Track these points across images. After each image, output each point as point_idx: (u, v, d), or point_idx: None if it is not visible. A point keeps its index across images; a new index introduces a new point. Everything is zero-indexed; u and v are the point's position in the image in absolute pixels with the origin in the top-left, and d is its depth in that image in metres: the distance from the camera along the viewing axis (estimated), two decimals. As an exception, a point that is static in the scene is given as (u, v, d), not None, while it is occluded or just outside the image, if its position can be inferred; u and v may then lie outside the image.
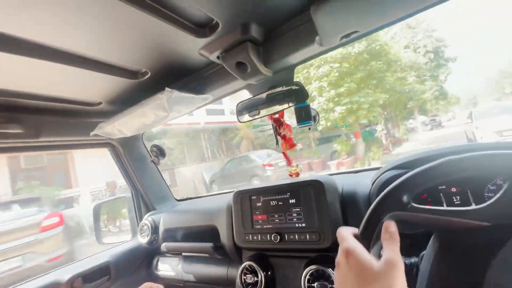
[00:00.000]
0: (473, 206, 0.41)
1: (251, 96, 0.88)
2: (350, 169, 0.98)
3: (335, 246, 0.67)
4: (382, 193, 0.42)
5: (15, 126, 0.86)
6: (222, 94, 0.95)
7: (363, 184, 0.74)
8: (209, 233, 0.99)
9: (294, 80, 0.80)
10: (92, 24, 0.53)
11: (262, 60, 0.71)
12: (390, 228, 0.37)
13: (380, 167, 0.71)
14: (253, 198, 0.84)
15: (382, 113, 11.73)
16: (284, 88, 0.80)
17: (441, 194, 0.60)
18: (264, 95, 0.84)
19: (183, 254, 1.11)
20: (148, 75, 0.78)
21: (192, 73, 0.85)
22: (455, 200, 0.59)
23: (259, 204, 0.83)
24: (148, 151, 1.35)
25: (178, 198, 1.47)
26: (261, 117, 0.86)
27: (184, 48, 0.68)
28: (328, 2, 0.50)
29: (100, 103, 0.94)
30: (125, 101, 0.93)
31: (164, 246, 1.12)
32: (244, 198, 0.87)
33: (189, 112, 1.00)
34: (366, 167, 0.96)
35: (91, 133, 0.99)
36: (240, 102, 0.87)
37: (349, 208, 0.72)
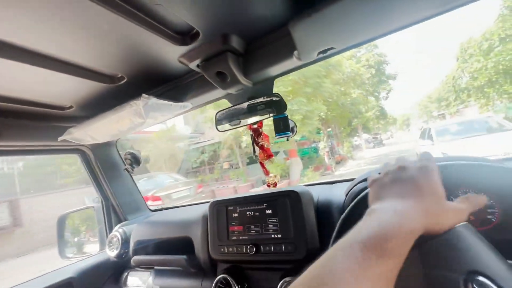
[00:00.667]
0: None
1: (231, 105, 0.88)
2: (326, 180, 1.01)
3: (310, 257, 0.68)
4: (353, 202, 0.44)
5: None
6: (201, 102, 0.94)
7: (337, 195, 0.76)
8: (183, 245, 0.95)
9: (274, 92, 0.82)
10: (66, 26, 0.50)
11: (242, 71, 0.72)
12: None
13: (354, 178, 0.74)
14: (230, 209, 0.83)
15: (324, 129, 11.09)
16: (264, 99, 0.82)
17: None
18: (244, 105, 0.84)
19: (155, 267, 1.06)
20: (124, 81, 0.76)
21: (170, 80, 0.84)
22: None
23: (236, 214, 0.81)
24: (122, 159, 1.29)
25: (153, 209, 1.42)
26: (241, 126, 0.86)
27: (163, 55, 0.67)
28: (305, 19, 0.52)
29: (71, 107, 0.89)
30: (98, 106, 0.89)
31: (134, 259, 1.06)
32: (220, 209, 0.85)
33: (166, 120, 0.98)
34: (342, 178, 0.99)
35: (59, 139, 0.93)
36: (219, 111, 0.87)
37: (324, 218, 0.73)
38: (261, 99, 0.81)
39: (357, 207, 0.52)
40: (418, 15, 0.56)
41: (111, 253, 1.13)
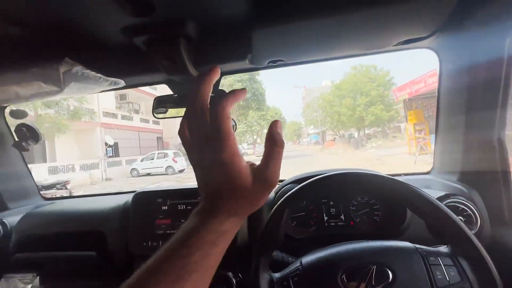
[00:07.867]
0: None
1: (171, 93, 0.83)
2: None
3: (241, 250, 0.72)
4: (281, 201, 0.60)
5: None
6: (138, 82, 0.85)
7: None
8: (89, 241, 0.83)
9: (219, 88, 0.82)
10: None
11: (192, 60, 0.69)
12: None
13: (283, 180, 0.82)
14: (159, 201, 0.78)
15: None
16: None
17: (322, 206, 0.77)
18: (185, 95, 0.81)
19: (47, 267, 0.87)
20: (33, 30, 0.57)
21: (105, 49, 0.72)
22: (332, 211, 0.77)
23: (165, 207, 0.77)
24: (10, 131, 1.01)
25: (48, 197, 1.16)
26: (180, 116, 0.83)
27: (102, 17, 0.57)
28: (269, 29, 0.55)
29: None
30: None
31: (17, 257, 0.85)
32: (148, 200, 0.79)
33: (88, 94, 0.84)
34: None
35: None
36: (159, 97, 0.81)
37: (255, 212, 0.78)
38: None
39: (285, 205, 0.60)
40: (352, 50, 0.68)
41: (-22, 250, 0.87)
